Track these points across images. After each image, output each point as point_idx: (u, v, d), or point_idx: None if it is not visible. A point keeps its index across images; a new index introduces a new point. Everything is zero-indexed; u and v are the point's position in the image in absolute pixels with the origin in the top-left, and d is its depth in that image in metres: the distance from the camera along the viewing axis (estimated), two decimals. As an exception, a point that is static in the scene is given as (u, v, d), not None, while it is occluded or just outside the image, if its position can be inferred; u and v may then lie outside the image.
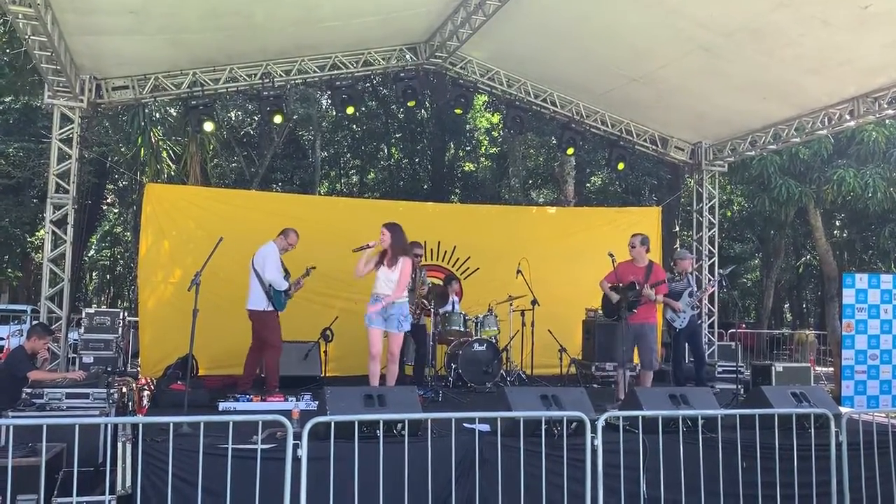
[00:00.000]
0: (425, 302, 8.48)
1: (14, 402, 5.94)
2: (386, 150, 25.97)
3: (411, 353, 8.71)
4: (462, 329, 8.95)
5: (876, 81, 8.70)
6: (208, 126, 9.76)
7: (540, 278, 9.59)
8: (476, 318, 9.17)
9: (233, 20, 8.31)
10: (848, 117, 9.37)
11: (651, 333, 7.45)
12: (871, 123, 12.84)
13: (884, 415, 6.08)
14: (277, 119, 10.05)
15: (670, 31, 8.28)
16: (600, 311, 8.80)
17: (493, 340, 9.05)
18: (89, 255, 27.49)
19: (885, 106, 8.88)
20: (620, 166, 11.69)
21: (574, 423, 5.16)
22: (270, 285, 7.44)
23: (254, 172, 20.29)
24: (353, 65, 9.92)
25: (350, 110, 10.15)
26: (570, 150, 11.34)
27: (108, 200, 26.00)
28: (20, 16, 6.90)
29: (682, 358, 8.66)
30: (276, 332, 7.58)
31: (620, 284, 7.40)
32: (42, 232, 10.75)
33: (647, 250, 7.63)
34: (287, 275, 7.68)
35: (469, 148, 25.89)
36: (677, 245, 20.11)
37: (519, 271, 9.44)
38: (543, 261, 10.17)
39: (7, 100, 17.72)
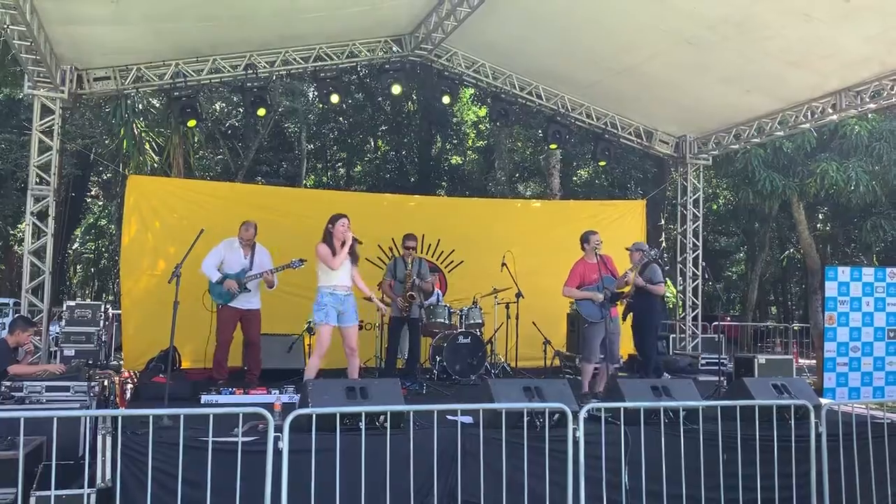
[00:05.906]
0: (414, 295, 8.45)
1: (-7, 396, 5.90)
2: (373, 143, 25.87)
3: (400, 346, 8.71)
4: (446, 321, 8.94)
5: (858, 75, 8.76)
6: (191, 123, 9.69)
7: (525, 271, 9.60)
8: (461, 311, 9.16)
9: (215, 9, 8.25)
10: (831, 111, 9.43)
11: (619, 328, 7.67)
12: (854, 117, 12.96)
13: (863, 406, 6.12)
14: (261, 112, 9.94)
15: (654, 23, 8.30)
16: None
17: (478, 333, 9.05)
18: (73, 247, 27.26)
19: (868, 100, 8.94)
20: (602, 164, 11.74)
21: (556, 415, 5.17)
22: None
23: (239, 165, 20.13)
24: (337, 56, 9.87)
25: (335, 98, 10.07)
26: (553, 146, 11.41)
27: (93, 193, 25.77)
28: (-2, 5, 6.82)
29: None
30: (220, 326, 7.51)
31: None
32: (24, 224, 10.67)
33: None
34: (245, 269, 7.50)
35: (456, 141, 25.84)
36: (662, 238, 20.22)
37: (504, 264, 9.43)
38: (528, 254, 10.19)
39: (-12, 91, 17.51)
